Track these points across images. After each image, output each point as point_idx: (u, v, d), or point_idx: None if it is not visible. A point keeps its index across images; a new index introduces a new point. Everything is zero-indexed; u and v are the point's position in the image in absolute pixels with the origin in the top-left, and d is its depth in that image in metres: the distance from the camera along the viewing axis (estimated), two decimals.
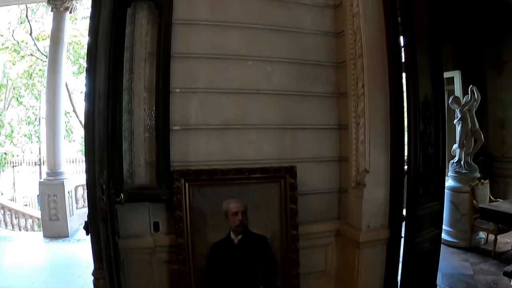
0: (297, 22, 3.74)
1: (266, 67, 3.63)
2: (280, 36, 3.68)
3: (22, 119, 16.71)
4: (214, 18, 3.53)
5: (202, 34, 3.51)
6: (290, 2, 3.74)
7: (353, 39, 3.68)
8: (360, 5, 3.61)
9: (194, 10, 3.50)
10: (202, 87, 3.49)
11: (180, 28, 3.42)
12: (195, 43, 3.49)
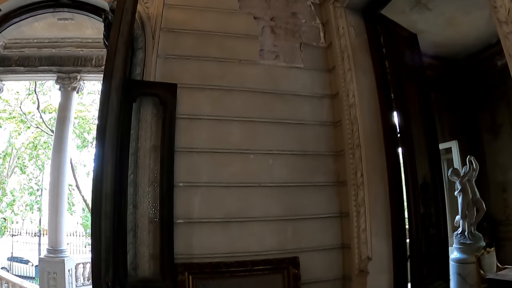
0: (296, 114, 4.08)
1: (267, 160, 3.89)
2: (281, 129, 3.98)
3: (24, 188, 17.15)
4: (216, 113, 3.87)
5: (205, 128, 3.81)
6: (290, 94, 4.11)
7: (351, 129, 3.96)
8: (356, 96, 3.98)
9: (197, 105, 3.85)
10: (205, 181, 3.71)
11: (183, 123, 3.73)
12: (198, 138, 3.77)
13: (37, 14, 5.00)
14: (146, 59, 3.96)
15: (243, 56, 4.11)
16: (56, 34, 8.34)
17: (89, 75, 8.69)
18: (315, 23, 4.48)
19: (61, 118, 8.52)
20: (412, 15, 5.90)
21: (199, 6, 4.27)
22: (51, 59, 8.69)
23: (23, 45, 8.62)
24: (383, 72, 4.27)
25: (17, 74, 8.97)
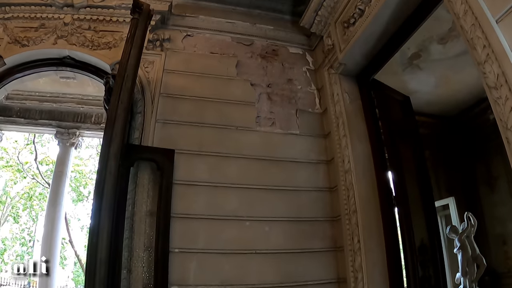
0: (293, 180, 4.10)
1: (263, 227, 3.88)
2: (277, 195, 3.99)
3: (16, 238, 16.87)
4: (213, 180, 3.88)
5: (202, 195, 3.81)
6: (286, 160, 4.16)
7: (347, 194, 3.97)
8: (351, 162, 4.01)
9: (194, 171, 3.87)
10: (201, 247, 3.67)
11: (180, 189, 3.74)
12: (195, 204, 3.77)
13: (40, 71, 5.08)
14: (144, 124, 4.04)
15: (240, 123, 4.19)
16: (58, 89, 8.45)
17: (88, 132, 8.73)
18: (311, 89, 4.62)
19: (58, 173, 8.52)
20: (404, 76, 6.07)
21: (198, 72, 4.41)
22: (52, 113, 8.74)
23: (25, 97, 8.69)
24: (378, 136, 4.34)
25: (17, 125, 8.97)
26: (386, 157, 4.28)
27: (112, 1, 4.80)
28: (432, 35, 5.30)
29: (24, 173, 16.27)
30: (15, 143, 15.57)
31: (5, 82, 4.92)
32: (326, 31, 4.65)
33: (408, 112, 5.03)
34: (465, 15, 2.61)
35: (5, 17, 4.91)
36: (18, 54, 4.75)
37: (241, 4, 5.08)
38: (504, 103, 2.32)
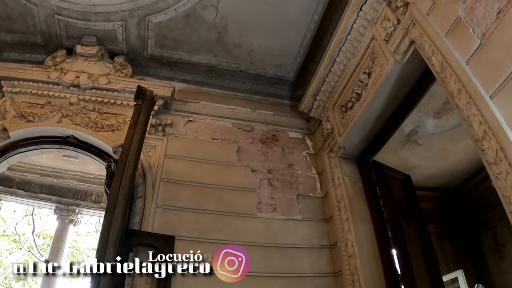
0: (295, 266, 4.01)
1: None
2: (280, 283, 3.88)
3: None
4: None
5: (203, 284, 3.63)
6: (288, 247, 4.09)
7: (351, 279, 3.87)
8: (355, 246, 3.94)
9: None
10: None
11: (179, 277, 3.55)
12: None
13: (43, 148, 5.15)
14: (145, 209, 4.03)
15: (241, 209, 4.18)
16: (60, 165, 8.54)
17: (88, 210, 8.77)
18: (311, 173, 4.65)
19: (54, 249, 8.45)
20: (403, 153, 6.17)
21: (199, 158, 4.47)
22: (52, 189, 8.80)
23: (26, 170, 8.75)
24: (380, 217, 4.32)
25: (17, 196, 9.00)
26: (390, 236, 4.26)
27: (117, 84, 4.96)
28: (428, 110, 5.43)
29: (20, 244, 16.02)
30: (13, 213, 15.51)
31: (8, 155, 4.98)
32: (324, 115, 4.77)
33: (409, 190, 5.05)
34: (459, 94, 2.65)
35: (14, 91, 5.07)
36: (23, 129, 4.84)
37: (241, 89, 5.30)
38: (505, 178, 2.29)
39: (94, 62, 5.25)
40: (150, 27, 5.00)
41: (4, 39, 5.54)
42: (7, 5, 5.07)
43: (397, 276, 4.02)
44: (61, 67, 5.22)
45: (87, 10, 4.97)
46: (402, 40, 3.36)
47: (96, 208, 8.59)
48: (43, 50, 5.49)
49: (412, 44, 3.26)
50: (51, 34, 5.33)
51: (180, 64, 5.35)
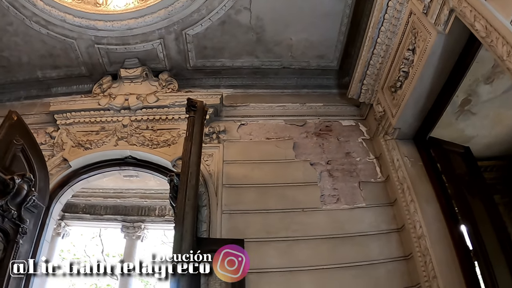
0: (365, 254, 4.01)
1: None
2: (351, 272, 3.90)
3: None
4: (284, 265, 3.87)
5: (275, 282, 3.81)
6: (356, 235, 4.10)
7: (423, 261, 3.83)
8: (423, 226, 3.91)
9: (264, 258, 3.90)
10: None
11: (253, 277, 3.71)
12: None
13: (104, 172, 5.45)
14: (211, 216, 4.19)
15: (305, 204, 4.24)
16: (121, 185, 8.94)
17: (153, 225, 9.10)
18: (369, 159, 4.64)
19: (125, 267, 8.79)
20: (458, 124, 6.03)
21: (257, 159, 4.58)
22: (116, 209, 9.24)
23: (89, 194, 9.23)
24: (445, 194, 4.24)
25: (84, 221, 9.49)
26: (457, 212, 4.18)
27: (165, 100, 5.16)
28: (478, 77, 5.30)
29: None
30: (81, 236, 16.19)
31: (72, 183, 5.28)
32: (374, 99, 4.76)
33: (470, 162, 4.94)
34: (509, 56, 2.59)
35: (67, 122, 5.39)
36: (82, 157, 5.13)
37: (288, 86, 5.36)
38: None
39: (140, 82, 5.49)
40: (188, 40, 5.16)
41: (51, 76, 5.93)
42: (48, 44, 5.42)
43: (469, 252, 3.96)
44: (109, 92, 5.49)
45: (125, 34, 5.20)
46: (441, 10, 3.30)
47: (161, 222, 8.92)
48: (89, 79, 5.80)
49: (452, 13, 3.19)
50: (94, 63, 5.61)
51: (224, 70, 5.49)
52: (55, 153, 5.27)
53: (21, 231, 4.16)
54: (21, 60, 5.82)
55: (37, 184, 4.35)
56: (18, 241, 4.11)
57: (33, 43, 5.52)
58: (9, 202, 3.97)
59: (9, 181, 3.95)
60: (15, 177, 3.98)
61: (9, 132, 4.19)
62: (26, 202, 4.16)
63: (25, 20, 5.16)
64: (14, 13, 5.09)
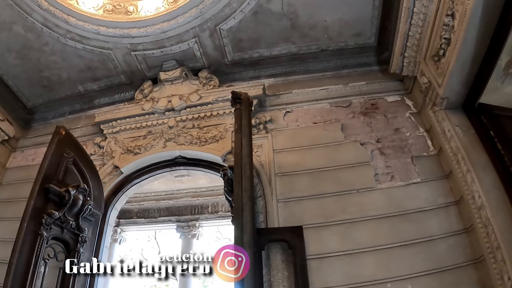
0: (425, 230, 3.96)
1: (405, 286, 3.71)
2: (412, 250, 3.87)
3: None
4: (344, 248, 3.90)
5: (336, 266, 3.82)
6: (414, 212, 4.06)
7: (485, 231, 3.75)
8: (482, 196, 3.82)
9: (324, 243, 3.93)
10: None
11: (314, 263, 3.80)
12: (331, 276, 3.77)
13: (156, 174, 5.63)
14: (267, 206, 4.27)
15: (359, 185, 4.25)
16: (172, 187, 9.27)
17: (207, 222, 9.34)
18: (419, 133, 4.58)
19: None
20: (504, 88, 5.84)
21: (306, 145, 4.62)
22: (169, 210, 9.59)
23: (142, 199, 9.63)
24: (501, 160, 4.12)
25: (138, 225, 9.96)
26: None
27: (208, 97, 5.29)
28: None
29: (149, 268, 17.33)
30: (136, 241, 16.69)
31: (125, 189, 5.50)
32: (418, 70, 4.68)
33: None
34: None
35: (114, 131, 5.61)
36: (132, 162, 5.32)
37: (328, 68, 5.37)
38: None
39: (180, 83, 5.64)
40: (223, 35, 5.25)
41: (92, 88, 6.20)
42: (85, 58, 5.67)
43: None
44: (151, 97, 5.67)
45: (159, 38, 5.33)
46: None
47: (215, 218, 9.18)
48: (129, 87, 6.02)
49: None
50: (133, 71, 5.81)
51: (262, 61, 5.55)
52: (106, 162, 5.49)
53: (81, 240, 4.40)
54: (61, 77, 6.11)
55: (92, 193, 4.58)
56: (79, 250, 4.35)
57: (70, 59, 5.77)
58: (66, 213, 4.21)
59: (65, 193, 4.18)
60: (70, 189, 4.21)
61: (59, 146, 4.39)
62: (83, 211, 4.40)
63: (60, 38, 5.39)
64: (48, 33, 5.33)
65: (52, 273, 4.14)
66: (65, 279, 4.21)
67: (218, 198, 9.04)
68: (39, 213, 3.99)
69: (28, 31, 5.40)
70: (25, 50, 5.74)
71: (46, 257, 4.04)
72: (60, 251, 4.26)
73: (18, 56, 5.86)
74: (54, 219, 4.08)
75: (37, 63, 5.96)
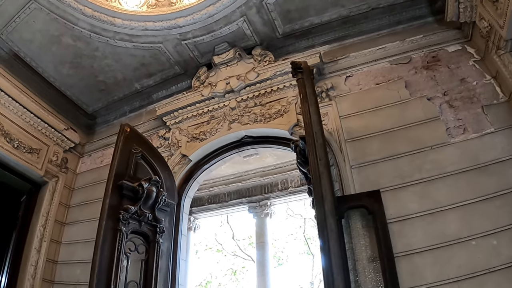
0: (505, 182, 3.77)
1: (490, 241, 3.57)
2: (495, 204, 3.71)
3: None
4: (425, 208, 3.83)
5: (418, 226, 3.77)
6: (492, 163, 3.90)
7: None
8: None
9: (403, 205, 3.90)
10: (431, 282, 3.55)
11: (395, 227, 3.78)
12: (413, 238, 3.73)
13: (224, 157, 5.80)
14: (341, 174, 4.31)
15: (432, 142, 4.17)
16: (239, 169, 9.49)
17: (279, 199, 9.48)
18: (486, 80, 4.42)
19: (260, 244, 9.30)
20: None
21: (372, 108, 4.61)
22: (239, 192, 9.81)
23: (211, 185, 9.95)
24: None
25: (210, 211, 10.25)
26: None
27: (266, 73, 5.36)
28: None
29: (224, 252, 17.81)
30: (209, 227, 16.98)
31: (196, 176, 5.72)
32: (475, 15, 4.49)
33: None
34: None
35: (176, 121, 5.84)
36: (200, 149, 5.52)
37: (382, 27, 5.29)
38: None
39: (235, 64, 5.74)
40: (270, 8, 5.27)
41: (148, 84, 6.47)
42: (137, 55, 5.90)
43: None
44: (209, 82, 5.82)
45: (207, 23, 5.42)
46: None
47: (285, 195, 9.29)
48: (185, 76, 6.23)
49: None
50: (186, 60, 5.99)
51: (314, 29, 5.54)
52: (173, 152, 5.72)
53: (159, 230, 4.60)
54: (117, 78, 6.40)
55: (164, 184, 4.77)
56: (158, 240, 4.56)
57: (123, 60, 6.01)
58: (142, 206, 4.41)
59: (138, 188, 4.38)
60: (142, 183, 4.41)
61: (126, 143, 4.58)
62: (158, 203, 4.60)
63: (109, 41, 5.62)
64: (97, 38, 5.58)
65: (135, 266, 4.36)
66: (148, 270, 4.44)
67: (287, 175, 9.16)
68: (116, 210, 4.21)
69: (77, 40, 5.66)
70: (77, 59, 6.03)
71: (127, 251, 4.26)
72: (140, 243, 4.49)
73: (71, 66, 6.17)
74: (131, 214, 4.29)
75: (91, 69, 6.25)
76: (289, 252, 16.99)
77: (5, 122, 5.79)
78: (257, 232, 9.48)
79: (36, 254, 5.96)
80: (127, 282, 4.17)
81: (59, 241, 6.36)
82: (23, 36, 5.56)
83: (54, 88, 6.55)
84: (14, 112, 5.94)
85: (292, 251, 17.02)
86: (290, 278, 16.50)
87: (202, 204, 10.10)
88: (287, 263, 17.07)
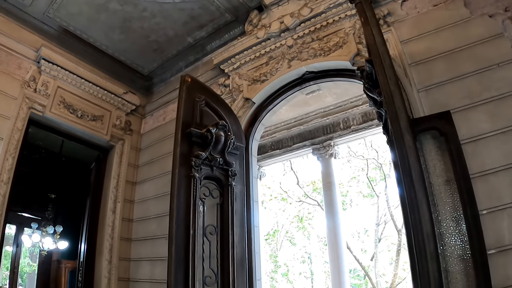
0: None
1: None
2: None
3: (295, 258, 19.15)
4: (497, 127, 3.76)
5: (492, 146, 3.72)
6: None
7: None
8: None
9: (475, 125, 3.86)
10: (508, 202, 3.53)
11: (468, 148, 3.76)
12: (488, 158, 3.69)
13: (287, 96, 5.93)
14: (409, 98, 4.31)
15: (499, 59, 4.01)
16: (299, 112, 9.66)
17: (342, 139, 9.55)
18: None
19: (326, 185, 9.49)
20: None
21: (432, 29, 4.52)
22: (302, 135, 10.02)
23: (272, 131, 10.23)
24: None
25: (274, 157, 10.59)
26: None
27: (319, 7, 5.36)
28: None
29: (289, 200, 18.33)
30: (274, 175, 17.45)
31: (261, 118, 5.93)
32: None
33: None
34: None
35: (235, 67, 6.04)
36: (262, 91, 5.71)
37: None
38: None
39: (287, 2, 5.79)
40: None
41: (201, 36, 6.67)
42: (185, 9, 6.05)
43: None
44: (262, 24, 5.90)
45: None
46: None
47: (348, 133, 9.37)
48: (236, 23, 6.35)
49: None
50: (235, 6, 6.08)
51: None
52: (235, 97, 5.94)
53: (231, 174, 4.82)
54: (169, 35, 6.61)
55: (231, 129, 4.94)
56: (231, 183, 4.78)
57: (172, 16, 6.17)
58: (212, 152, 4.64)
59: (207, 133, 4.60)
60: (210, 128, 4.62)
61: (189, 93, 4.77)
62: (227, 146, 4.81)
63: None
64: None
65: (211, 211, 4.63)
66: (224, 214, 4.70)
67: (348, 113, 9.19)
68: (187, 157, 4.45)
69: (124, 4, 5.88)
70: (126, 23, 6.28)
71: (202, 196, 4.52)
72: (214, 188, 4.74)
73: (122, 31, 6.44)
74: (202, 160, 4.53)
75: (141, 31, 6.49)
76: (353, 196, 17.27)
77: (66, 95, 6.24)
78: (323, 173, 9.65)
79: (112, 215, 6.50)
80: (205, 226, 4.45)
81: (132, 200, 6.86)
82: (69, 10, 5.85)
83: (108, 56, 6.90)
84: (73, 84, 6.36)
85: (356, 195, 17.29)
86: (355, 222, 16.91)
87: (265, 152, 10.44)
88: (351, 207, 17.33)
